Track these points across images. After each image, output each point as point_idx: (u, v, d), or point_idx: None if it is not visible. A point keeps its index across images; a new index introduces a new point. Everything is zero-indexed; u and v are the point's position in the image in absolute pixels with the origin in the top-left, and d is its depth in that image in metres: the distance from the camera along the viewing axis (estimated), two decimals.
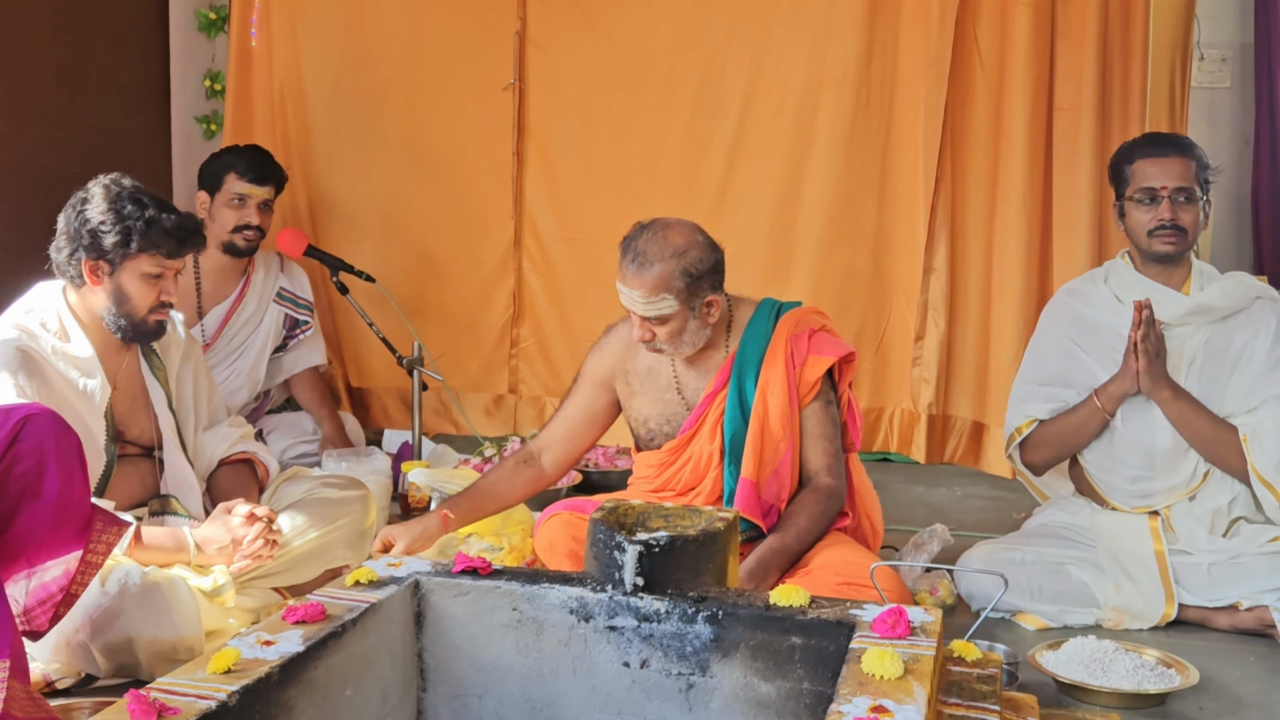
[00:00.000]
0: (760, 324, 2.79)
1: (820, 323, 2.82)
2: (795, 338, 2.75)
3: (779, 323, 2.78)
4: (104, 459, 2.70)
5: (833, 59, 4.41)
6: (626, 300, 2.69)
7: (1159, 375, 2.95)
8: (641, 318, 2.69)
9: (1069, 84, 4.16)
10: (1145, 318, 2.91)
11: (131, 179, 2.77)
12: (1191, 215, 2.98)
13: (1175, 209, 2.97)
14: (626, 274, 2.67)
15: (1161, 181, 2.98)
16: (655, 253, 2.64)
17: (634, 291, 2.66)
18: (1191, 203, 2.98)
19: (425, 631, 2.14)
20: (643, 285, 2.64)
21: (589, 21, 4.63)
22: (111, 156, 4.44)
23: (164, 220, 2.67)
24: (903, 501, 4.07)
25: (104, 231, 2.65)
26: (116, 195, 2.68)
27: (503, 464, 2.93)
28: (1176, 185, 2.97)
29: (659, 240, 2.66)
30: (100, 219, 2.65)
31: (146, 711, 1.52)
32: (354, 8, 4.78)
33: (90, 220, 2.66)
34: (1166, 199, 2.97)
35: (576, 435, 2.92)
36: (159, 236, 2.67)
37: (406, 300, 4.57)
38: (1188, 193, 2.97)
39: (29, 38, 4.07)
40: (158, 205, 2.69)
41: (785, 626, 1.96)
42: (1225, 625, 2.86)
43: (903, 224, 4.44)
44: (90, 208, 2.67)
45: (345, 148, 4.83)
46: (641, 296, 2.65)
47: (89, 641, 2.42)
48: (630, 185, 4.62)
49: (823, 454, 2.76)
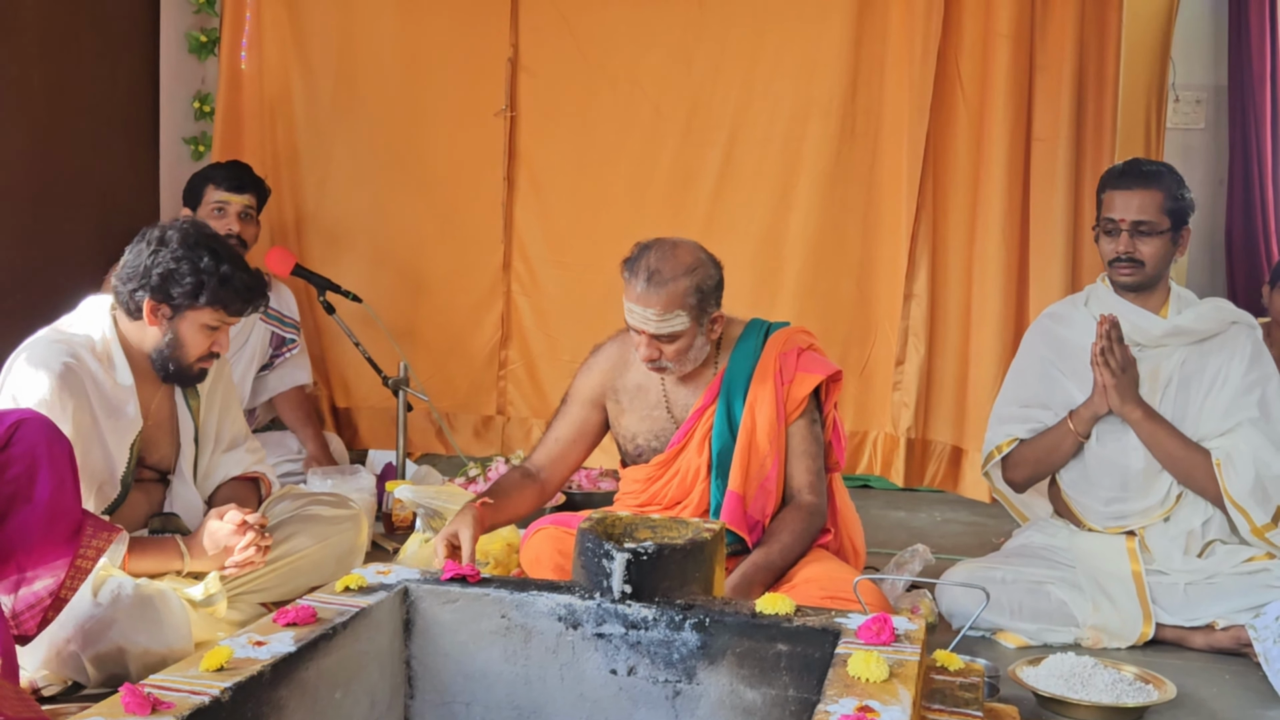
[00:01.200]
0: (750, 342, 2.82)
1: (808, 342, 2.86)
2: (784, 355, 2.79)
3: (768, 341, 2.82)
4: (118, 490, 2.67)
5: (819, 89, 4.49)
6: (637, 320, 2.68)
7: (1127, 393, 2.99)
8: (650, 336, 2.69)
9: (1047, 115, 4.26)
10: (1105, 331, 2.96)
11: (210, 227, 2.75)
12: (1151, 247, 3.02)
13: (1133, 241, 3.02)
14: (639, 293, 2.65)
15: (1121, 214, 3.03)
16: (669, 270, 2.65)
17: (647, 310, 2.65)
18: (1153, 235, 3.02)
19: (414, 638, 2.16)
20: (658, 303, 2.64)
21: (580, 49, 4.70)
22: (100, 176, 4.49)
23: (236, 279, 2.65)
24: (883, 525, 4.10)
25: (176, 278, 2.61)
26: (195, 244, 2.63)
27: (509, 475, 2.92)
28: (1135, 219, 3.02)
29: (670, 258, 2.67)
30: (174, 265, 2.61)
31: (141, 705, 1.54)
32: (345, 31, 4.83)
33: (163, 264, 2.61)
34: (1125, 232, 3.03)
35: (568, 454, 2.93)
36: (230, 294, 2.64)
37: (395, 322, 4.60)
38: (1148, 225, 3.01)
39: (18, 57, 4.09)
40: (232, 261, 2.66)
41: (771, 634, 1.99)
42: (1202, 645, 2.90)
43: (886, 251, 4.50)
44: (166, 251, 2.62)
45: (335, 169, 4.86)
46: (655, 314, 2.64)
47: (80, 651, 2.42)
48: (619, 211, 4.68)
49: (806, 471, 2.79)
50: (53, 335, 2.64)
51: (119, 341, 2.68)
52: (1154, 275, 3.06)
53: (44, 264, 4.18)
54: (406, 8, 4.79)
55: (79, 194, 4.39)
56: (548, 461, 2.93)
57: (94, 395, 2.59)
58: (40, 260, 4.18)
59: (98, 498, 2.61)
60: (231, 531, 2.64)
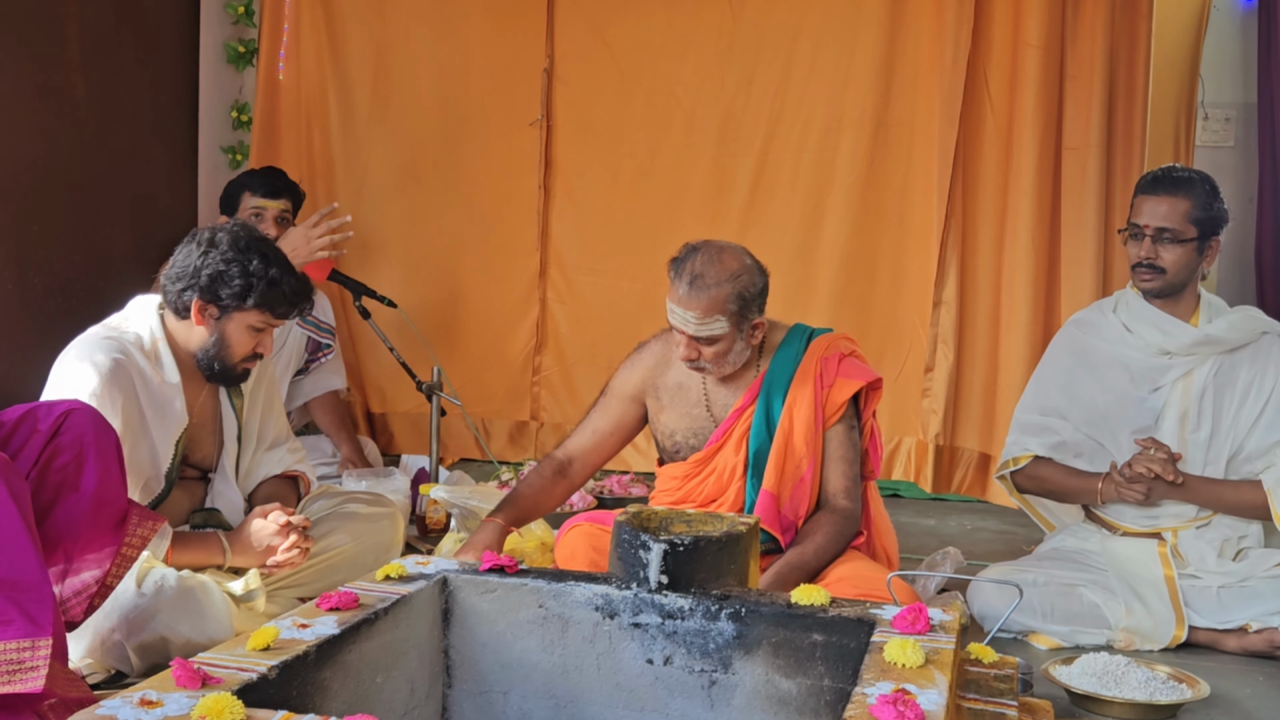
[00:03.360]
0: (792, 346, 2.85)
1: (850, 348, 2.88)
2: (826, 360, 2.82)
3: (810, 345, 2.85)
4: (162, 485, 2.72)
5: (852, 99, 4.53)
6: (678, 320, 2.73)
7: (1164, 494, 3.02)
8: (690, 337, 2.73)
9: (1077, 124, 4.27)
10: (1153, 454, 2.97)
11: (258, 230, 2.80)
12: (1173, 255, 3.03)
13: (1155, 247, 3.03)
14: (681, 295, 2.70)
15: (1147, 220, 3.04)
16: (712, 276, 2.68)
17: (688, 313, 2.69)
18: (1175, 243, 3.02)
19: (452, 627, 2.18)
20: (698, 307, 2.68)
21: (615, 60, 4.75)
22: (140, 183, 4.57)
23: (284, 282, 2.70)
24: (914, 533, 4.11)
25: (225, 280, 2.66)
26: (244, 247, 2.69)
27: (537, 473, 2.97)
28: (1159, 225, 3.02)
29: (715, 263, 2.70)
30: (224, 267, 2.66)
31: (192, 679, 1.57)
32: (381, 41, 4.90)
33: (213, 265, 2.66)
34: (1148, 238, 3.04)
35: (603, 446, 2.98)
36: (277, 297, 2.69)
37: (430, 329, 4.65)
38: (1172, 233, 3.01)
39: (64, 66, 4.17)
40: (280, 265, 2.71)
41: (807, 624, 2.00)
42: (1235, 647, 2.90)
43: (919, 259, 4.52)
44: (215, 253, 2.67)
45: (370, 178, 4.93)
46: (695, 318, 2.68)
47: (124, 640, 2.47)
48: (653, 219, 4.74)
49: (842, 476, 2.81)
50: (102, 332, 2.69)
51: (166, 340, 2.73)
52: (1175, 283, 3.06)
53: (87, 268, 4.26)
54: (442, 19, 4.86)
55: (120, 200, 4.46)
56: (580, 453, 2.97)
57: (142, 391, 2.64)
58: (83, 264, 4.25)
59: (143, 493, 2.66)
60: (275, 532, 2.69)
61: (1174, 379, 3.08)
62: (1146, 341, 3.11)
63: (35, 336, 3.96)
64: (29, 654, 1.96)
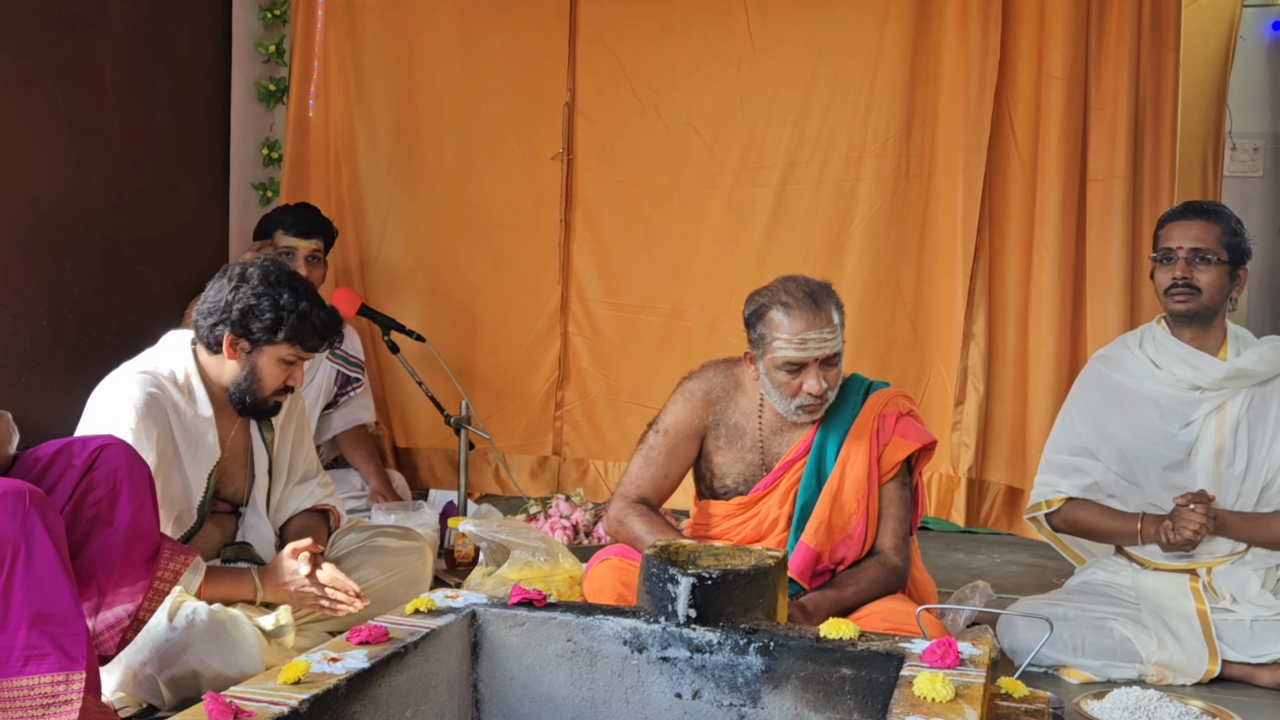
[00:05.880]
0: (849, 398, 2.83)
1: (908, 407, 2.85)
2: (884, 417, 2.79)
3: (868, 400, 2.83)
4: (194, 518, 2.74)
5: (873, 129, 4.54)
6: (812, 348, 2.65)
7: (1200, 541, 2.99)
8: (821, 365, 2.68)
9: (1102, 156, 4.26)
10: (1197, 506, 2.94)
11: (288, 265, 2.83)
12: (1208, 276, 3.02)
13: (1190, 268, 3.02)
14: (809, 318, 2.64)
15: (1178, 242, 3.04)
16: (818, 289, 2.69)
17: (824, 330, 2.65)
18: (1209, 264, 3.02)
19: (481, 661, 2.19)
20: (828, 321, 2.66)
21: (635, 93, 4.79)
22: (172, 219, 4.63)
23: (314, 316, 2.73)
24: (943, 566, 4.09)
25: (256, 314, 2.69)
26: (275, 281, 2.72)
27: (648, 516, 2.84)
28: (1192, 246, 3.02)
29: (809, 282, 2.70)
30: (255, 301, 2.69)
31: (224, 712, 1.58)
32: (409, 79, 4.96)
33: (244, 299, 2.69)
34: (1182, 259, 3.03)
35: (671, 483, 2.91)
36: (307, 330, 2.72)
37: (453, 362, 4.68)
38: (1204, 254, 3.01)
39: (99, 104, 4.24)
40: (310, 299, 2.74)
41: (836, 658, 2.00)
42: (1269, 681, 2.86)
43: (942, 291, 4.52)
44: (246, 288, 2.71)
45: (396, 213, 4.98)
46: (830, 332, 2.66)
47: (156, 674, 2.48)
48: (674, 252, 4.76)
49: (893, 534, 2.79)
50: (136, 367, 2.73)
51: (199, 374, 2.76)
52: (1210, 307, 3.04)
53: (119, 303, 4.31)
54: (466, 56, 4.92)
55: (153, 237, 4.52)
56: (656, 495, 2.89)
57: (175, 426, 2.67)
58: (116, 299, 4.30)
59: (175, 526, 2.68)
60: (302, 583, 2.69)
61: (1205, 413, 3.06)
62: (1176, 377, 3.09)
63: (69, 372, 4.01)
64: (63, 688, 1.98)
